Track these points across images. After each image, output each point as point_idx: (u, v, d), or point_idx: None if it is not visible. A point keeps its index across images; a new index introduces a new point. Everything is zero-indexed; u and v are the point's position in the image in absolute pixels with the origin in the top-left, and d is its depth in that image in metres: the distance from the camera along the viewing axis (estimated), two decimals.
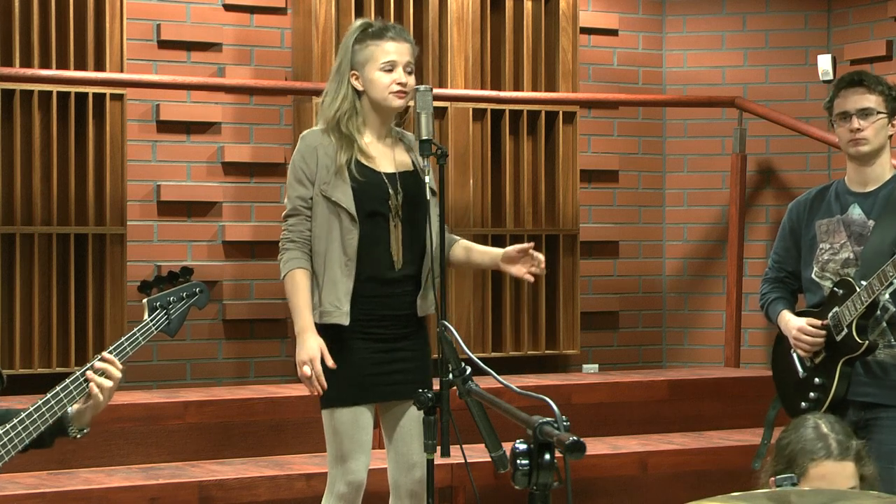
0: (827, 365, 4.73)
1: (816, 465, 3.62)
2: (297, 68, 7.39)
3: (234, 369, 7.28)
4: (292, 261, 4.69)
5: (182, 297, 4.07)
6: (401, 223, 4.71)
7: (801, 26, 8.30)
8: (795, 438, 3.70)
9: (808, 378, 4.78)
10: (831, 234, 4.78)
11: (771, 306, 4.94)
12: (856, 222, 4.74)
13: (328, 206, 4.66)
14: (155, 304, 4.03)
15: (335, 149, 4.68)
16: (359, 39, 4.75)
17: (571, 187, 7.82)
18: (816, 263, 4.80)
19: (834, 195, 4.83)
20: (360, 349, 4.67)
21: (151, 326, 3.98)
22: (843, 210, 4.78)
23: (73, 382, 3.77)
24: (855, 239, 4.73)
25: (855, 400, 4.69)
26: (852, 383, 4.69)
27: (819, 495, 3.26)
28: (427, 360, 4.78)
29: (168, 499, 5.61)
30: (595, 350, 8.15)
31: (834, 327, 4.69)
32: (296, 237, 4.71)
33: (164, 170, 7.19)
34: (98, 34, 6.89)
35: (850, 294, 4.64)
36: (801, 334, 4.75)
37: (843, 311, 4.66)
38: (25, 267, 6.68)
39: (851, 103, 4.72)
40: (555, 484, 2.84)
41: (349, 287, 4.64)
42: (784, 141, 8.15)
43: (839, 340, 4.68)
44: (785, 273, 4.95)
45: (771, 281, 4.99)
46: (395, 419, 4.75)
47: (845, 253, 4.74)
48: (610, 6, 8.27)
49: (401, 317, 4.73)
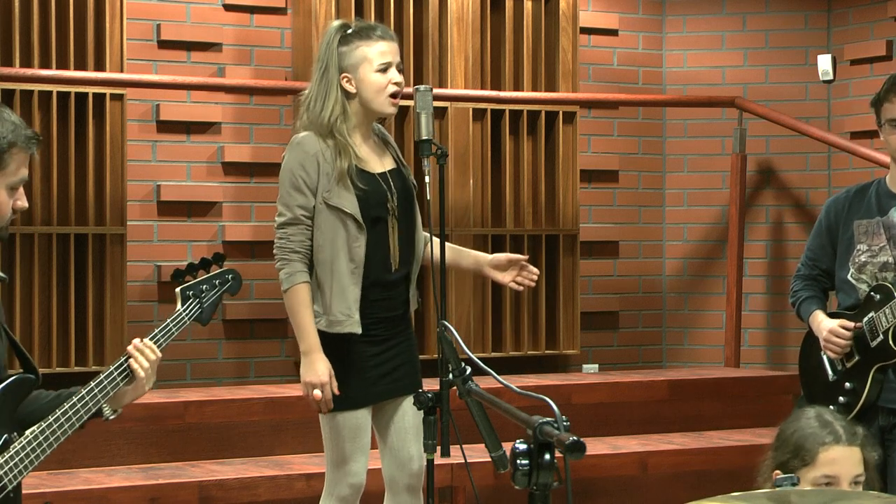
0: (859, 370, 4.68)
1: (826, 449, 3.62)
2: (297, 68, 7.39)
3: (234, 369, 7.28)
4: (296, 274, 4.60)
5: (215, 284, 4.02)
6: (397, 223, 4.70)
7: (801, 26, 8.30)
8: (800, 427, 3.70)
9: (838, 381, 4.74)
10: (870, 235, 4.72)
11: (803, 305, 4.87)
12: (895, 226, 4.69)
13: (333, 214, 4.60)
14: (188, 292, 3.97)
15: (333, 155, 4.61)
16: (344, 41, 4.67)
17: (571, 187, 7.82)
18: (853, 265, 4.74)
19: (875, 195, 4.76)
20: (362, 353, 4.66)
21: (185, 316, 3.93)
22: (884, 212, 4.72)
23: (117, 367, 3.74)
24: (895, 243, 4.67)
25: (885, 406, 4.65)
26: (884, 389, 4.65)
27: (819, 495, 3.26)
28: (416, 357, 4.79)
29: (168, 499, 5.61)
30: (595, 350, 8.15)
31: (869, 332, 4.64)
32: (297, 247, 4.61)
33: (164, 170, 7.19)
34: (98, 34, 6.90)
35: (888, 300, 4.59)
36: (833, 336, 4.69)
37: (879, 317, 4.61)
38: (25, 267, 6.68)
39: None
40: (555, 484, 2.84)
41: (357, 295, 4.60)
42: (784, 141, 8.15)
43: (874, 346, 4.64)
44: (819, 271, 4.88)
45: (803, 278, 4.91)
46: (388, 416, 4.74)
47: (884, 256, 4.68)
48: (610, 6, 8.27)
49: (396, 317, 4.73)
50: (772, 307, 8.19)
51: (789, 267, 7.94)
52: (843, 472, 3.61)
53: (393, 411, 4.74)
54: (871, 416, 4.60)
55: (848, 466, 3.63)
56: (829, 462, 3.62)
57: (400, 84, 4.68)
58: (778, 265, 8.20)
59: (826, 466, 3.62)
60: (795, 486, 3.41)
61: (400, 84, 4.68)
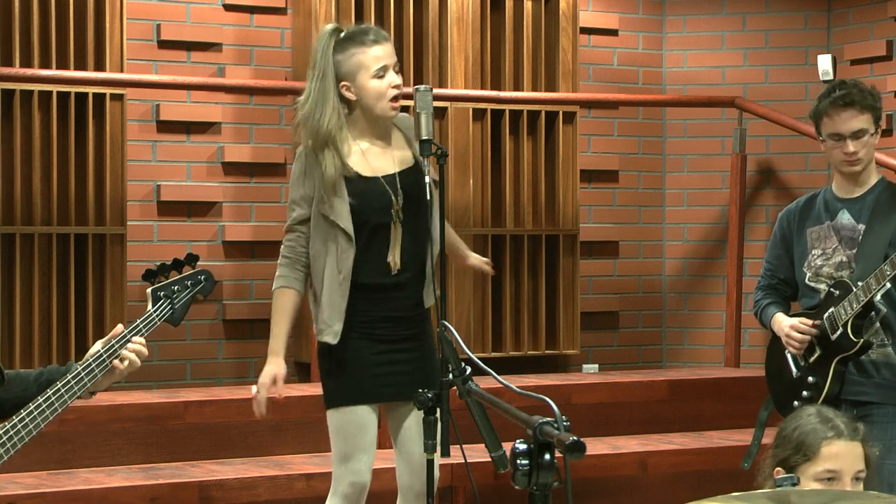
0: (821, 364, 4.80)
1: (829, 444, 3.63)
2: (297, 68, 7.39)
3: (234, 369, 7.28)
4: (280, 278, 4.74)
5: (186, 285, 4.01)
6: (401, 225, 4.70)
7: (801, 26, 8.30)
8: (801, 424, 3.71)
9: (801, 377, 4.85)
10: (822, 239, 4.86)
11: (764, 311, 5.02)
12: (845, 227, 4.82)
13: (326, 224, 4.65)
14: (158, 293, 3.97)
15: (326, 165, 4.63)
16: (339, 48, 4.68)
17: (571, 187, 7.82)
18: (809, 269, 4.88)
19: (822, 203, 4.90)
20: (361, 349, 4.67)
21: (155, 317, 3.93)
22: (833, 216, 4.85)
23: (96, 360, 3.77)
24: (846, 243, 4.80)
25: (847, 398, 4.75)
26: (846, 382, 4.77)
27: (819, 495, 3.26)
28: (431, 362, 4.76)
29: (168, 499, 5.61)
30: (595, 350, 8.15)
31: (829, 327, 4.77)
32: (289, 253, 4.73)
33: (164, 170, 7.19)
34: (98, 34, 6.90)
35: (847, 294, 4.71)
36: (792, 331, 4.83)
37: (838, 311, 4.73)
38: (25, 267, 6.68)
39: (844, 126, 4.75)
40: (555, 484, 2.84)
41: (343, 307, 4.64)
42: (784, 141, 8.15)
43: (834, 340, 4.76)
44: (777, 280, 5.02)
45: (764, 288, 5.06)
46: (400, 420, 4.74)
47: (838, 257, 4.81)
48: (610, 6, 8.27)
49: (403, 318, 4.72)
50: None
51: None
52: (845, 467, 3.62)
53: (405, 416, 4.74)
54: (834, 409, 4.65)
55: (850, 461, 3.64)
56: (832, 456, 3.63)
57: (399, 86, 4.68)
58: None
59: (828, 461, 3.62)
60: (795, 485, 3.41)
61: (399, 86, 4.68)
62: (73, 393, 3.73)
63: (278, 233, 7.33)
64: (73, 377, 3.73)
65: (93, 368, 3.76)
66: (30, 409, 3.67)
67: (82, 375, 3.75)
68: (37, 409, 3.68)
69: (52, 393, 3.70)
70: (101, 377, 3.78)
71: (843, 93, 4.77)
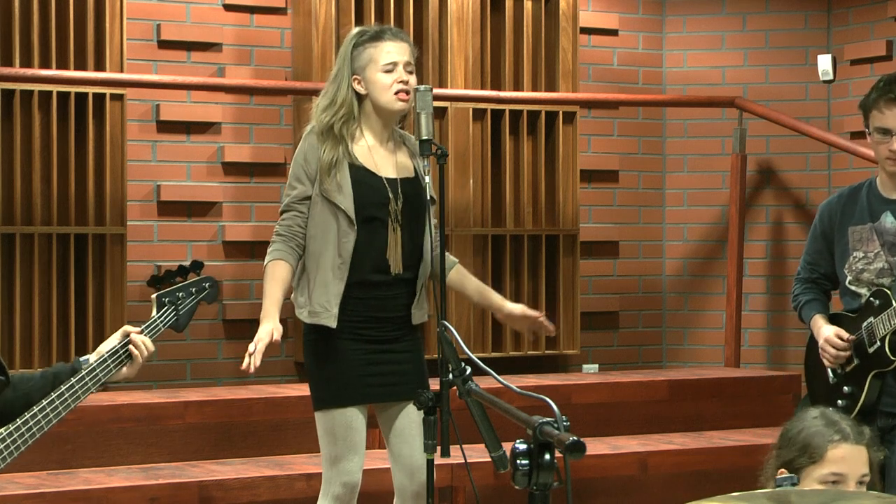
0: (857, 374, 4.69)
1: (835, 447, 3.62)
2: (297, 68, 7.39)
3: (234, 369, 7.28)
4: (273, 252, 4.70)
5: (191, 292, 4.05)
6: (400, 228, 4.71)
7: (801, 26, 8.30)
8: (806, 426, 3.69)
9: (837, 384, 4.75)
10: (864, 242, 4.71)
11: (805, 308, 4.87)
12: (888, 231, 4.67)
13: (327, 207, 4.66)
14: (164, 299, 4.01)
15: (327, 147, 4.69)
16: (357, 44, 4.77)
17: (571, 187, 7.82)
18: (850, 272, 4.74)
19: (866, 200, 4.74)
20: (350, 350, 4.67)
21: (160, 323, 3.97)
22: (875, 217, 4.70)
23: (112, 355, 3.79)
24: (888, 248, 4.66)
25: (885, 410, 4.65)
26: (883, 393, 4.65)
27: (819, 495, 3.26)
28: (421, 362, 4.78)
29: (168, 499, 5.61)
30: (595, 350, 8.15)
31: (867, 337, 4.64)
32: (283, 230, 4.70)
33: (164, 170, 7.19)
34: (98, 34, 6.89)
35: (886, 306, 4.60)
36: (827, 345, 4.71)
37: (877, 324, 4.61)
38: (25, 267, 6.68)
39: (893, 121, 4.58)
40: (555, 484, 2.84)
41: (340, 290, 4.64)
42: (784, 141, 8.15)
43: (871, 352, 4.64)
44: (818, 274, 4.88)
45: (803, 281, 4.91)
46: (391, 421, 4.75)
47: (879, 262, 4.67)
48: (610, 6, 8.27)
49: (393, 319, 4.72)
50: (772, 307, 8.19)
51: (789, 267, 7.95)
52: (850, 471, 3.61)
53: (395, 416, 4.74)
54: (870, 418, 4.60)
55: (855, 465, 3.63)
56: (838, 460, 3.62)
57: (405, 82, 4.71)
58: (778, 265, 8.20)
59: (834, 464, 3.61)
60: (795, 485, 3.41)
61: (405, 82, 4.71)
62: (87, 388, 3.73)
63: None
64: (88, 372, 3.72)
65: (107, 361, 3.76)
66: (42, 406, 3.67)
67: (96, 369, 3.74)
68: (50, 405, 3.67)
69: (66, 389, 3.70)
70: (115, 371, 3.78)
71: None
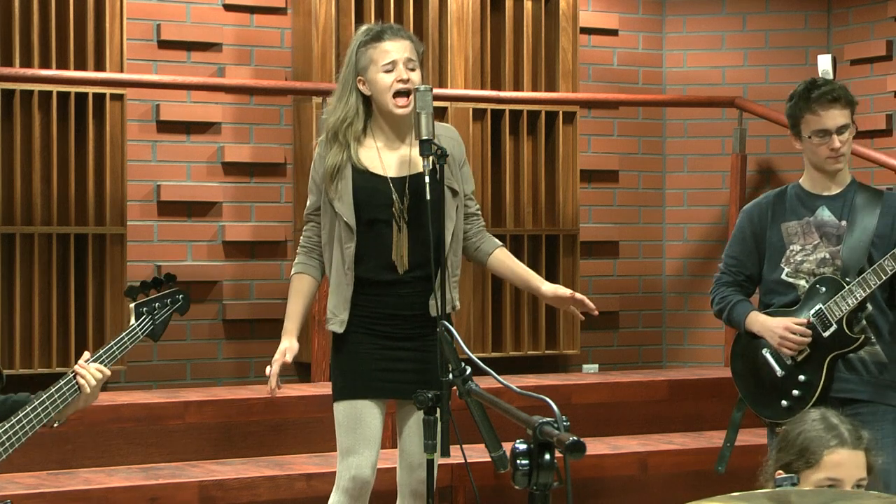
0: (812, 362, 4.78)
1: (832, 452, 3.61)
2: (297, 68, 7.39)
3: (234, 369, 7.28)
4: (296, 265, 4.85)
5: (166, 303, 4.27)
6: (406, 227, 4.70)
7: (801, 26, 8.30)
8: (805, 429, 3.69)
9: (789, 376, 4.82)
10: (801, 235, 4.85)
11: (736, 308, 4.97)
12: (827, 224, 4.83)
13: (331, 213, 4.72)
14: (141, 309, 4.21)
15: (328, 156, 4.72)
16: (360, 45, 4.77)
17: (571, 187, 7.82)
18: (788, 264, 4.86)
19: (796, 199, 4.91)
20: (363, 344, 4.70)
21: (138, 331, 4.16)
22: (812, 212, 4.85)
23: (66, 383, 3.91)
24: (828, 239, 4.81)
25: (836, 396, 4.74)
26: (834, 380, 4.76)
27: (819, 495, 3.26)
28: (435, 362, 4.76)
29: (168, 499, 5.61)
30: (595, 350, 8.15)
31: (820, 323, 4.75)
32: (305, 242, 4.83)
33: (164, 170, 7.19)
34: (98, 34, 6.90)
35: (837, 290, 4.72)
36: (789, 333, 4.79)
37: (830, 307, 4.73)
38: (25, 267, 6.68)
39: (831, 121, 4.79)
40: (555, 484, 2.84)
41: (348, 295, 4.70)
42: (784, 141, 8.11)
43: (827, 336, 4.74)
44: (743, 276, 4.99)
45: (728, 284, 5.01)
46: (404, 419, 4.78)
47: (820, 253, 4.81)
48: (610, 6, 8.27)
49: (408, 317, 4.73)
50: None
51: None
52: (846, 476, 3.60)
53: (408, 414, 4.76)
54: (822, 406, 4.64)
55: (852, 470, 3.62)
56: (834, 465, 3.61)
57: (404, 80, 4.69)
58: None
59: (830, 469, 3.61)
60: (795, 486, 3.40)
61: (404, 80, 4.69)
62: (47, 412, 3.88)
63: (278, 233, 7.36)
64: (32, 409, 3.86)
65: (53, 397, 3.89)
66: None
67: (46, 402, 3.88)
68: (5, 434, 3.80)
69: (24, 415, 3.83)
70: (63, 406, 3.91)
71: (828, 89, 4.80)
